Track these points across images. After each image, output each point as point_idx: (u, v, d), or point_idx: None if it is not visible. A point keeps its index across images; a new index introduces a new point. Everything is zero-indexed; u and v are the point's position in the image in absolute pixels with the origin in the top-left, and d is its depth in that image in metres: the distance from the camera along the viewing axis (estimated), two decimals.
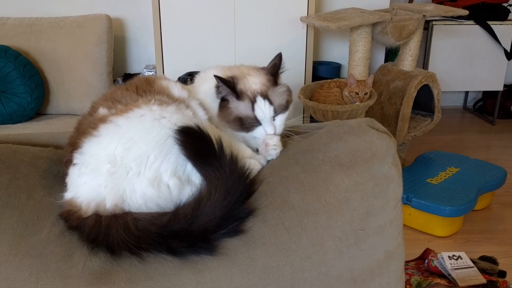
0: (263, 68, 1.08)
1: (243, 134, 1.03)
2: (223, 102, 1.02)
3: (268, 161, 0.99)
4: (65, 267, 0.78)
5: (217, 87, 1.02)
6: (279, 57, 1.06)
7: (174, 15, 2.92)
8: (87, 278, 0.77)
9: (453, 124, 4.02)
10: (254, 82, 1.03)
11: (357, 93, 2.52)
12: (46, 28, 2.77)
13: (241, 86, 1.02)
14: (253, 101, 1.00)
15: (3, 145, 1.00)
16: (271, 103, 1.00)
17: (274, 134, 1.01)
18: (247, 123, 1.01)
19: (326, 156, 0.90)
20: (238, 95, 1.00)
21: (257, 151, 1.03)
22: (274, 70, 1.05)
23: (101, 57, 2.78)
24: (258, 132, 1.02)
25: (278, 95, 1.03)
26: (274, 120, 1.02)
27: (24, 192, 0.89)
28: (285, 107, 1.04)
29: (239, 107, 1.01)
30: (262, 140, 1.01)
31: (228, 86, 1.00)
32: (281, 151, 0.99)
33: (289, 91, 1.06)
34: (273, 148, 0.99)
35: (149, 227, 0.81)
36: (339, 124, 0.98)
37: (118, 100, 0.95)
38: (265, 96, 1.01)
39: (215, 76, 0.99)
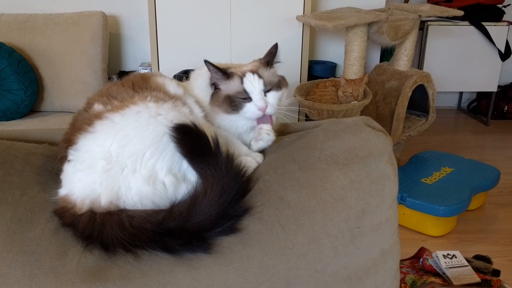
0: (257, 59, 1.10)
1: (236, 119, 1.02)
2: (215, 90, 1.03)
3: (261, 152, 1.00)
4: (59, 264, 0.77)
5: (211, 79, 1.03)
6: (275, 46, 1.07)
7: (170, 13, 2.91)
8: (81, 275, 0.76)
9: (448, 124, 4.03)
10: (245, 66, 1.06)
11: (351, 92, 2.52)
12: (40, 25, 2.75)
13: (232, 70, 1.04)
14: (242, 77, 1.01)
15: None
16: (260, 76, 1.01)
17: (266, 109, 1.00)
18: (237, 100, 1.01)
19: (323, 154, 0.90)
20: (229, 76, 1.02)
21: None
22: (268, 57, 1.07)
23: (96, 55, 2.77)
24: (249, 109, 1.01)
25: (269, 73, 1.04)
26: (266, 96, 1.02)
27: (18, 188, 0.88)
28: (277, 85, 1.04)
29: (229, 86, 1.02)
30: (257, 128, 1.02)
31: (219, 69, 1.01)
32: (273, 141, 1.00)
33: (282, 77, 1.07)
34: (267, 132, 1.00)
35: (144, 224, 0.80)
36: (336, 122, 0.98)
37: (114, 96, 0.94)
38: (254, 72, 1.02)
39: (204, 61, 1.01)
